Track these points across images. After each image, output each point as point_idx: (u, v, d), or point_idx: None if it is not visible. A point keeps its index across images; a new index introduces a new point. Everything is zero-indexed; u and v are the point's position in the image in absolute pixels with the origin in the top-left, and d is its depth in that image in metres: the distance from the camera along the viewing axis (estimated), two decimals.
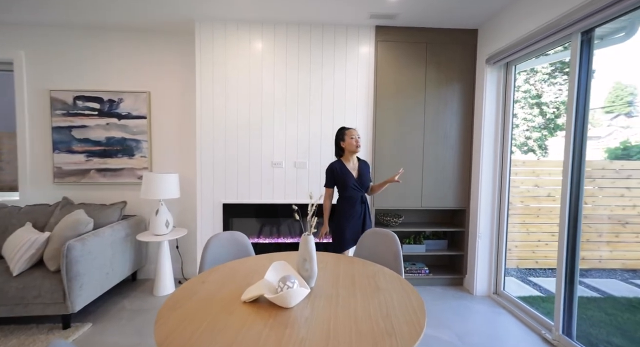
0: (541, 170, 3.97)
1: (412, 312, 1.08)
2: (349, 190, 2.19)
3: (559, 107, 5.58)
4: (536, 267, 4.10)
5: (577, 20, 1.75)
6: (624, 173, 3.36)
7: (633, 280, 3.85)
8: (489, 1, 2.25)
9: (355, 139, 2.17)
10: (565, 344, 1.92)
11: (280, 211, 2.75)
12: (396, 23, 2.61)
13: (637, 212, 4.08)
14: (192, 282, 1.33)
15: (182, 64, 2.91)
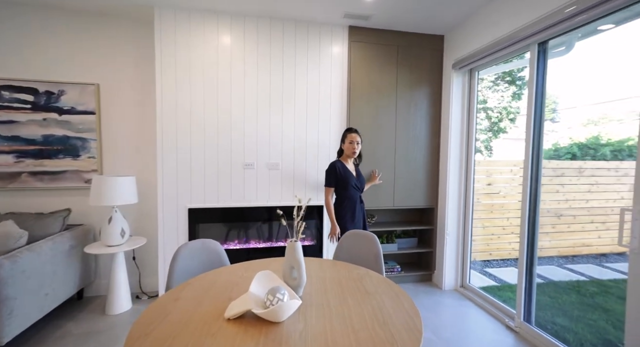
0: (493, 169, 4.34)
1: (408, 318, 1.06)
2: (351, 190, 2.22)
3: (502, 112, 6.14)
4: (490, 259, 4.46)
5: (534, 32, 1.90)
6: (558, 171, 3.81)
7: (566, 265, 4.35)
8: (454, 11, 2.36)
9: (353, 144, 2.22)
10: (526, 330, 2.07)
11: (252, 215, 2.60)
12: (369, 24, 2.62)
13: (568, 206, 4.64)
14: (162, 301, 1.17)
15: (138, 55, 2.62)
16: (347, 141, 2.26)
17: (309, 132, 2.65)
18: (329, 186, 2.24)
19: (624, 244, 1.47)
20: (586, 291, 3.45)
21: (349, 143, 2.24)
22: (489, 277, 3.85)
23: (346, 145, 2.26)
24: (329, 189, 2.25)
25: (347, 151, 2.26)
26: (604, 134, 5.35)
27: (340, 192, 2.26)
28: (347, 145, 2.25)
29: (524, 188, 2.08)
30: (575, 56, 2.08)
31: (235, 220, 2.59)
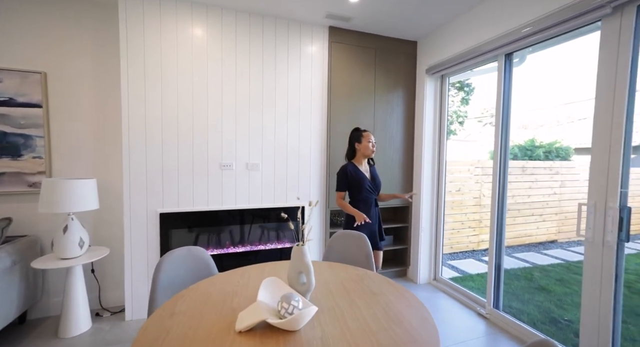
0: (454, 168, 4.70)
1: (420, 315, 1.09)
2: (364, 192, 2.12)
3: (452, 116, 6.70)
4: (451, 252, 4.82)
5: (501, 45, 2.09)
6: (510, 169, 4.23)
7: (514, 254, 4.88)
8: (427, 20, 2.50)
9: (372, 143, 2.14)
10: (496, 316, 2.27)
11: (231, 218, 2.47)
12: (349, 26, 2.65)
13: (514, 201, 5.21)
14: (157, 317, 1.05)
15: (98, 41, 2.32)
16: (364, 140, 2.14)
17: (290, 132, 2.60)
18: (340, 190, 2.13)
19: (581, 234, 1.67)
20: (531, 276, 3.90)
21: (367, 142, 2.14)
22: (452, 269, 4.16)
23: (364, 144, 2.14)
24: (340, 194, 2.14)
25: (366, 151, 2.14)
26: (538, 138, 6.07)
27: (354, 195, 2.15)
28: (365, 145, 2.13)
29: (493, 185, 2.27)
30: (526, 68, 2.33)
31: (213, 224, 2.44)
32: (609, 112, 1.56)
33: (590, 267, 1.64)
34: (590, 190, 1.65)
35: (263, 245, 2.61)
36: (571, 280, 3.72)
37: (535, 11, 1.88)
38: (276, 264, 1.61)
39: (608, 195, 1.56)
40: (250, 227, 2.58)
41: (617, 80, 1.54)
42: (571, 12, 1.67)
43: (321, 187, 2.73)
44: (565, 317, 2.80)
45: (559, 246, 5.14)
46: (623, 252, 1.57)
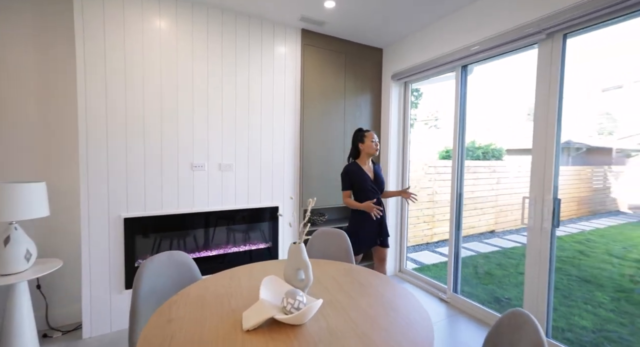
0: (410, 168, 5.08)
1: (409, 300, 1.21)
2: (367, 192, 2.15)
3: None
4: (408, 245, 5.20)
5: (458, 58, 2.35)
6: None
7: (463, 245, 5.43)
8: (392, 30, 2.69)
9: (375, 142, 2.16)
10: (456, 299, 2.54)
11: (204, 221, 2.38)
12: (321, 30, 2.73)
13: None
14: (154, 325, 1.00)
15: (42, 25, 2.05)
16: (367, 140, 2.17)
17: (264, 132, 2.58)
18: (345, 189, 2.19)
19: (525, 222, 1.98)
20: (477, 263, 4.41)
21: (370, 141, 2.17)
22: (410, 261, 4.51)
23: (367, 144, 2.17)
24: (346, 192, 2.19)
25: (369, 150, 2.17)
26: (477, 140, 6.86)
27: (357, 194, 2.19)
28: (368, 144, 2.17)
29: (452, 183, 2.54)
30: (471, 78, 2.66)
31: (184, 228, 2.32)
32: (545, 119, 1.88)
33: (532, 249, 1.95)
34: (532, 185, 1.95)
35: (237, 247, 2.55)
36: (507, 264, 4.29)
37: (485, 32, 2.16)
38: (264, 263, 1.62)
39: (544, 189, 1.88)
40: (224, 230, 2.51)
41: (550, 93, 1.86)
42: (515, 35, 1.96)
43: (295, 187, 2.77)
44: (505, 296, 3.24)
45: (496, 236, 5.86)
46: (555, 236, 1.90)
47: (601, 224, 6.72)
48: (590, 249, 4.83)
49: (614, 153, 9.23)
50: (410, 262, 4.33)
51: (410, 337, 0.95)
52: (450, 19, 2.43)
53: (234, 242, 2.56)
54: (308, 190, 2.77)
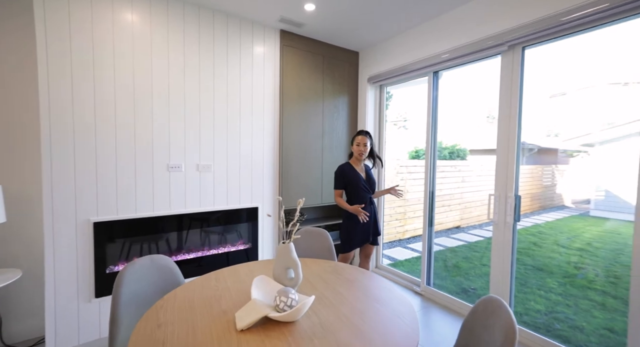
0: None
1: (393, 294, 1.28)
2: (359, 190, 2.24)
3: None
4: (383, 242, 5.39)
5: (430, 64, 2.50)
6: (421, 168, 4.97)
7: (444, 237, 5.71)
8: (367, 35, 2.78)
9: (360, 146, 2.24)
10: (429, 291, 2.70)
11: (181, 223, 2.30)
12: (300, 32, 2.75)
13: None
14: (142, 331, 0.97)
15: None
16: (354, 143, 2.31)
17: (243, 132, 2.55)
18: (337, 188, 2.28)
19: (491, 217, 2.16)
20: (445, 257, 4.69)
21: (355, 145, 2.29)
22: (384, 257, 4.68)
23: (353, 147, 2.31)
24: (337, 192, 2.28)
25: (355, 153, 2.30)
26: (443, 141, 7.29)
27: (350, 193, 2.28)
28: (354, 148, 2.30)
29: (425, 181, 2.69)
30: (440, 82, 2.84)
31: (160, 231, 2.23)
32: (507, 123, 2.07)
33: (497, 242, 2.13)
34: (496, 183, 2.14)
35: (216, 249, 2.50)
36: (473, 257, 4.61)
37: (455, 42, 2.32)
38: (248, 264, 1.61)
39: (507, 187, 2.07)
40: (202, 232, 2.44)
41: (511, 99, 2.05)
42: (480, 46, 2.13)
43: (274, 188, 2.77)
44: (472, 286, 3.49)
45: (462, 231, 6.26)
46: (516, 229, 2.10)
47: (550, 217, 7.42)
48: (542, 240, 5.33)
49: (559, 153, 10.23)
50: (385, 259, 4.50)
51: (398, 326, 1.02)
52: (423, 27, 2.57)
53: (213, 244, 2.50)
54: (287, 190, 2.79)
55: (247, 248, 2.63)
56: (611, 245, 5.24)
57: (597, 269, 4.02)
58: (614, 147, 7.58)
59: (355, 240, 2.28)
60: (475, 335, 1.05)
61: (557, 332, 2.47)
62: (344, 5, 2.27)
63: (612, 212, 7.61)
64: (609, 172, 7.77)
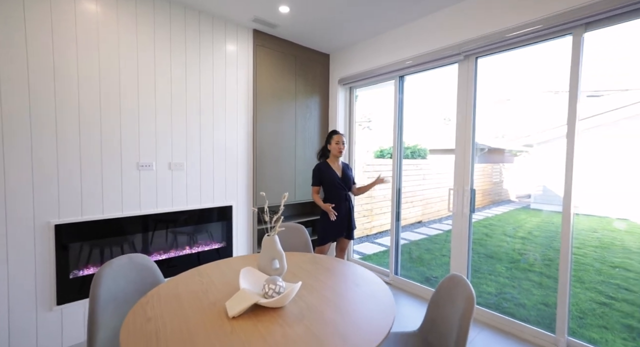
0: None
1: (369, 278, 1.40)
2: (335, 187, 2.33)
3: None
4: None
5: (396, 69, 2.70)
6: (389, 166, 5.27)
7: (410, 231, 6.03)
8: (337, 39, 2.91)
9: (339, 144, 2.33)
10: (397, 280, 2.90)
11: (152, 223, 2.23)
12: (274, 32, 2.80)
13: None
14: (132, 326, 0.98)
15: None
16: (333, 142, 2.39)
17: (216, 131, 2.54)
18: (314, 185, 2.38)
19: (451, 209, 2.40)
20: (409, 250, 5.02)
21: (335, 144, 2.38)
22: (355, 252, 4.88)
23: (332, 146, 2.39)
24: (314, 188, 2.38)
25: (334, 151, 2.39)
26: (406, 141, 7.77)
27: (325, 190, 2.39)
28: (333, 146, 2.39)
29: (393, 179, 2.89)
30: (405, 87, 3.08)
31: (130, 232, 2.14)
32: (464, 125, 2.32)
33: (456, 232, 2.38)
34: (455, 179, 2.38)
35: (190, 249, 2.46)
36: (434, 248, 4.99)
37: (418, 50, 2.53)
38: (228, 260, 1.64)
39: (464, 182, 2.32)
40: (175, 231, 2.39)
41: (467, 103, 2.30)
42: (440, 54, 2.36)
43: (249, 187, 2.78)
44: (433, 275, 3.80)
45: (424, 225, 6.70)
46: (472, 220, 2.36)
47: (499, 210, 8.21)
48: (492, 231, 5.92)
49: (505, 153, 11.29)
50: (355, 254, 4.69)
51: (376, 304, 1.14)
52: (390, 34, 2.76)
53: (187, 243, 2.46)
54: (261, 188, 2.82)
55: (221, 247, 2.62)
56: (546, 233, 5.97)
57: (536, 254, 4.58)
58: (548, 147, 8.60)
59: (330, 234, 2.40)
60: (441, 307, 1.20)
61: (505, 309, 2.80)
62: (317, 9, 2.37)
63: (547, 205, 8.60)
64: (544, 170, 8.80)
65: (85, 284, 1.97)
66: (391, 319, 1.03)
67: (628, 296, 3.16)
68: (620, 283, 3.48)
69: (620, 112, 7.14)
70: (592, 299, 3.05)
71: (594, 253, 4.50)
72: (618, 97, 7.61)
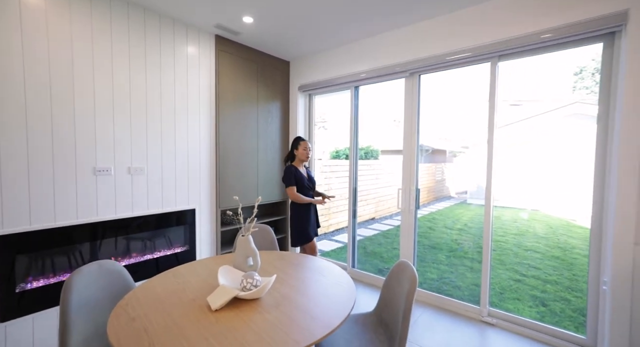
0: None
1: (333, 269, 1.61)
2: (304, 189, 2.49)
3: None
4: None
5: (351, 81, 2.96)
6: (345, 167, 5.61)
7: (364, 227, 6.41)
8: (298, 47, 3.07)
9: (307, 150, 2.50)
10: (355, 272, 3.18)
11: (111, 230, 2.16)
12: (236, 39, 2.86)
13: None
14: (117, 326, 1.04)
15: None
16: (300, 148, 2.55)
17: (178, 134, 2.53)
18: (291, 185, 2.49)
19: (399, 207, 2.74)
20: (364, 245, 5.41)
21: (302, 149, 2.55)
22: None
23: (300, 151, 2.55)
24: (292, 188, 2.49)
25: (302, 156, 2.56)
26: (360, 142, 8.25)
27: (297, 190, 2.51)
28: (301, 151, 2.55)
29: (350, 179, 3.16)
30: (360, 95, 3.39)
31: (87, 240, 2.05)
32: (410, 130, 2.66)
33: (405, 226, 2.72)
34: (403, 179, 2.72)
35: (151, 254, 2.42)
36: (385, 243, 5.44)
37: (370, 64, 2.82)
38: (202, 261, 1.72)
39: (411, 182, 2.67)
40: (136, 237, 2.33)
41: (412, 112, 2.65)
42: (389, 70, 2.67)
43: (211, 189, 2.81)
44: (386, 266, 4.20)
45: (376, 221, 7.20)
46: (417, 216, 2.72)
47: (441, 206, 9.14)
48: (435, 224, 6.63)
49: (447, 153, 12.50)
50: None
51: (340, 290, 1.35)
52: (347, 48, 3.00)
53: (149, 248, 2.41)
54: (224, 191, 2.87)
55: (184, 250, 2.62)
56: (478, 224, 6.85)
57: (470, 243, 5.29)
58: (479, 149, 9.77)
59: (312, 229, 2.59)
60: (391, 289, 1.46)
61: (445, 291, 3.25)
62: (280, 22, 2.51)
63: (479, 199, 9.75)
64: (478, 169, 9.97)
65: (37, 297, 1.86)
66: (352, 301, 1.25)
67: (535, 273, 3.88)
68: (531, 263, 4.24)
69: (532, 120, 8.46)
70: (510, 278, 3.69)
71: (513, 239, 5.36)
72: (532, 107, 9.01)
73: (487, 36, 2.15)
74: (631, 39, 1.67)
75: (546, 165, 7.99)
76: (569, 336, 1.99)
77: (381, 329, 1.45)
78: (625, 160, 1.68)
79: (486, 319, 2.27)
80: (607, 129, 1.85)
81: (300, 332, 1.02)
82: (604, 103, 1.86)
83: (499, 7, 2.11)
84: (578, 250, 4.86)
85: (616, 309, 1.70)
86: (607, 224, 1.83)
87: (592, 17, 1.79)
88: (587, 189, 1.97)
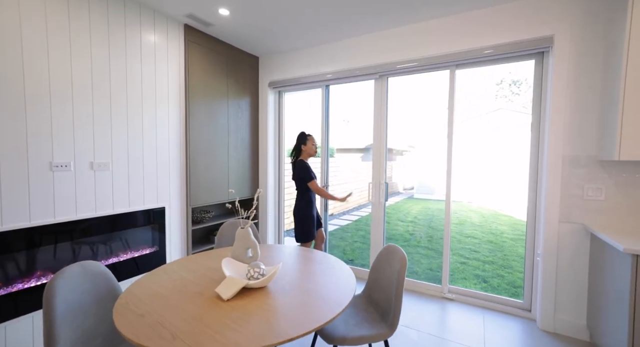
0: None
1: (330, 259, 1.70)
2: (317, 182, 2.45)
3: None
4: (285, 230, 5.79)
5: (322, 80, 3.08)
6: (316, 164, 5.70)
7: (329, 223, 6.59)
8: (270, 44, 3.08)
9: (315, 145, 2.50)
10: None
11: (70, 232, 1.94)
12: (206, 30, 2.74)
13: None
14: (129, 322, 1.00)
15: None
16: (309, 143, 2.57)
17: (145, 127, 2.35)
18: (313, 179, 2.51)
19: (370, 199, 2.94)
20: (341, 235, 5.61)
21: (311, 144, 2.58)
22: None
23: (309, 146, 2.57)
24: (314, 181, 2.50)
25: (311, 151, 2.59)
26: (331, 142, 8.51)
27: (304, 188, 2.54)
28: (310, 146, 2.57)
29: (321, 175, 3.27)
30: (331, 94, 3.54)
31: (41, 243, 1.80)
32: (379, 131, 2.88)
33: (375, 217, 2.94)
34: (373, 174, 2.93)
35: (117, 257, 2.21)
36: (346, 237, 5.70)
37: (340, 66, 2.97)
38: (191, 257, 1.66)
39: (380, 177, 2.89)
40: (101, 238, 2.11)
41: (381, 113, 2.87)
42: (359, 72, 2.85)
43: (182, 186, 2.67)
44: (350, 258, 4.43)
45: (335, 217, 7.47)
46: (385, 207, 2.96)
47: (392, 201, 9.81)
48: (390, 218, 7.13)
49: (394, 152, 13.36)
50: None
51: (341, 275, 1.45)
52: (318, 48, 3.10)
53: (115, 251, 2.21)
54: (195, 188, 2.75)
55: (153, 252, 2.45)
56: (426, 216, 7.57)
57: (421, 233, 5.84)
58: (425, 149, 10.73)
59: (313, 230, 2.58)
60: (380, 271, 1.61)
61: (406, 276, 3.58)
62: (256, 17, 2.50)
63: (425, 194, 10.72)
64: (422, 167, 10.94)
65: None
66: (354, 282, 1.36)
67: (476, 255, 4.48)
68: (472, 247, 4.88)
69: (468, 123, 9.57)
70: (456, 261, 4.20)
71: (455, 228, 6.07)
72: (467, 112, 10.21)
73: (447, 47, 2.46)
74: (556, 59, 2.09)
75: (477, 163, 9.18)
76: (510, 301, 2.41)
77: (372, 308, 1.59)
78: (553, 157, 2.10)
79: (447, 295, 2.60)
80: (539, 134, 2.27)
81: (318, 310, 1.10)
82: (536, 113, 2.29)
83: (459, 22, 2.41)
84: (506, 234, 5.72)
85: (545, 275, 2.12)
86: (539, 207, 2.25)
87: (524, 39, 2.18)
88: (511, 183, 2.40)
